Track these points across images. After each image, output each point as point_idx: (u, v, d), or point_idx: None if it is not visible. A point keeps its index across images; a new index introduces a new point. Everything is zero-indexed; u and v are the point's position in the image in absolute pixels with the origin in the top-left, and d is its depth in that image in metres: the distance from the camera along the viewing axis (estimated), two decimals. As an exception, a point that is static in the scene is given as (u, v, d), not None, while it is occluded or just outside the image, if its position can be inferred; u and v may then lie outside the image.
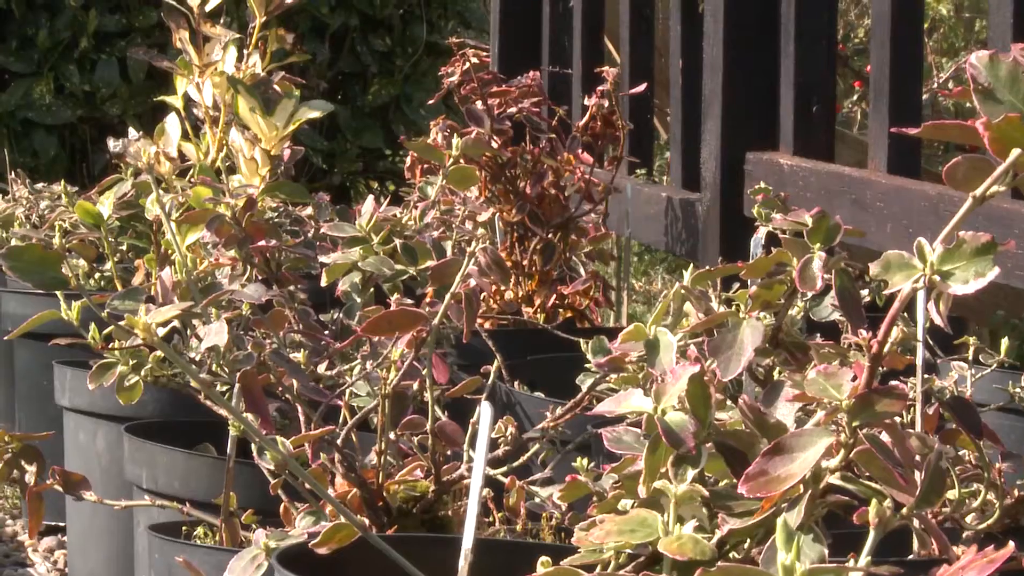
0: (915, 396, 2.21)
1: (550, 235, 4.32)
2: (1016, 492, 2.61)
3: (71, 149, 7.67)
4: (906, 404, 2.02)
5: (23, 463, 2.85)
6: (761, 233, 2.44)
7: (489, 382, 2.96)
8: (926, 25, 6.34)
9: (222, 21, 4.03)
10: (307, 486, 2.54)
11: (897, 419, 2.00)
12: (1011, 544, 1.85)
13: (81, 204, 3.74)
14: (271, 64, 4.04)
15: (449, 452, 2.76)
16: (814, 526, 1.96)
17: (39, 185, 5.11)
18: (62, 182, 5.01)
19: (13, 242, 4.47)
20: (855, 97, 7.11)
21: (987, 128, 1.79)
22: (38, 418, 4.25)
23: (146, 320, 2.49)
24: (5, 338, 4.29)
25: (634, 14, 5.65)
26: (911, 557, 2.42)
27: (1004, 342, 3.28)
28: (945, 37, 8.19)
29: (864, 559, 1.81)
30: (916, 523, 2.00)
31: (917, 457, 1.98)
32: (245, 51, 3.98)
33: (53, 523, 4.34)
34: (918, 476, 1.96)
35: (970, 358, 3.27)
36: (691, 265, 2.51)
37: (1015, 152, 1.81)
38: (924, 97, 4.46)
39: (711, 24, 4.69)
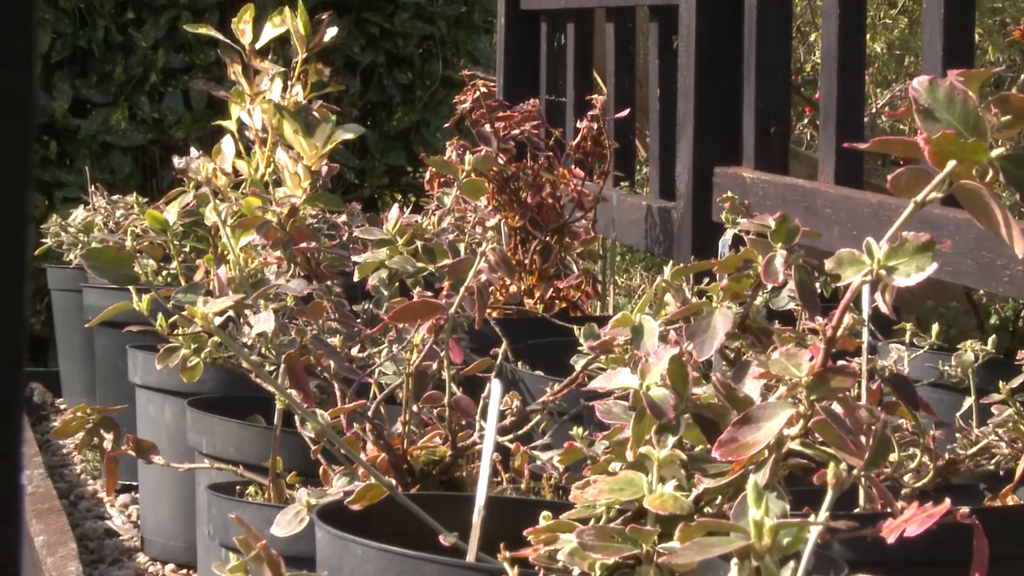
0: (862, 374, 2.18)
1: (548, 238, 4.32)
2: (946, 455, 2.60)
3: (143, 167, 7.64)
4: (855, 381, 2.02)
5: (102, 432, 2.83)
6: (728, 235, 2.43)
7: (497, 363, 2.95)
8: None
9: (269, 57, 3.99)
10: (342, 452, 2.53)
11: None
12: (947, 500, 1.87)
13: (150, 212, 3.72)
14: (311, 94, 4.01)
15: (464, 422, 2.76)
16: (777, 485, 1.97)
17: (115, 197, 5.08)
18: (134, 194, 4.99)
19: (93, 245, 4.42)
20: (805, 120, 7.10)
21: (928, 143, 1.78)
22: (114, 394, 4.23)
23: (204, 310, 2.50)
24: (86, 326, 4.28)
25: (618, 50, 5.64)
26: (858, 511, 2.41)
27: (935, 328, 3.26)
28: (879, 71, 8.18)
29: (823, 514, 1.78)
30: (865, 482, 1.99)
31: (865, 426, 1.96)
32: (289, 83, 3.95)
33: (127, 483, 4.32)
34: (867, 442, 1.94)
35: (907, 341, 3.26)
36: (669, 263, 2.49)
37: (951, 163, 1.80)
38: (864, 120, 4.45)
39: (684, 58, 4.67)
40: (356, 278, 3.05)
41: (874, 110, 7.18)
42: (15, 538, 0.76)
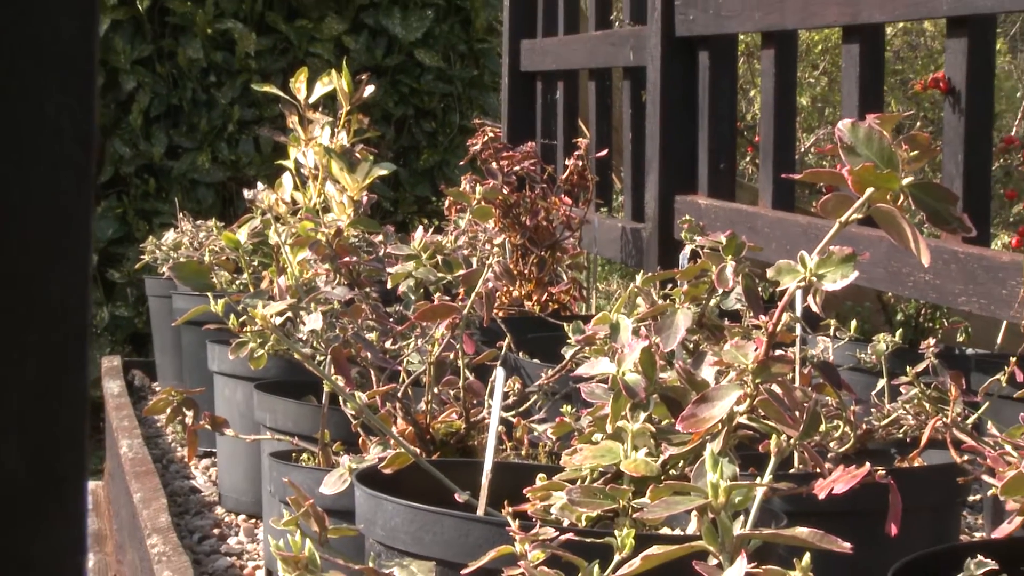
0: (796, 361, 2.15)
1: (542, 253, 4.29)
2: (864, 426, 2.58)
3: (222, 198, 7.63)
4: (791, 367, 1.99)
5: (184, 410, 2.80)
6: (687, 250, 2.39)
7: (502, 353, 2.92)
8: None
9: (320, 110, 3.95)
10: (377, 426, 2.49)
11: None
12: (867, 464, 1.87)
13: (226, 234, 3.69)
14: (353, 139, 3.97)
15: (475, 401, 2.74)
16: (729, 452, 1.94)
17: (199, 222, 5.07)
18: (214, 220, 4.96)
19: (180, 260, 4.40)
20: (748, 158, 7.06)
21: (851, 173, 1.75)
22: (197, 380, 4.23)
23: (264, 312, 2.50)
24: (174, 324, 4.28)
25: (598, 103, 5.61)
26: (794, 472, 2.39)
27: (853, 324, 3.25)
28: (805, 120, 8.18)
29: (768, 476, 1.74)
30: (799, 449, 1.95)
31: (800, 404, 1.93)
32: (336, 130, 3.92)
33: (208, 450, 4.32)
34: (801, 417, 1.91)
35: (830, 334, 3.24)
36: (640, 272, 2.46)
37: (870, 190, 1.77)
38: (795, 158, 4.43)
39: (651, 109, 4.64)
40: (389, 285, 3.08)
41: (801, 150, 7.15)
42: (82, 519, 0.71)
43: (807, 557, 1.52)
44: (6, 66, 0.70)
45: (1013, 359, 2.56)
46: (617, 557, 1.68)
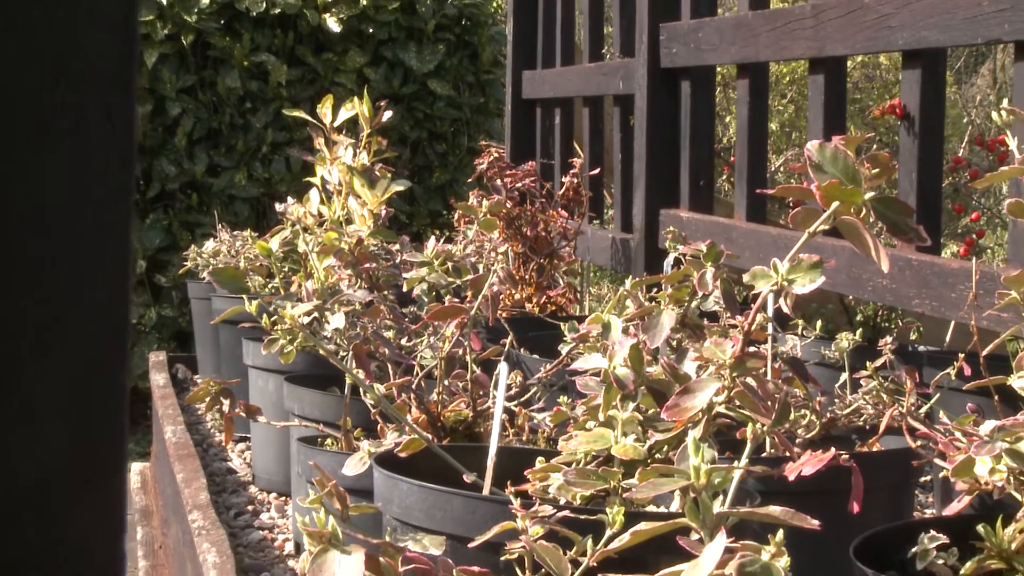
0: (768, 357, 2.14)
1: (541, 260, 4.28)
2: (828, 415, 2.57)
3: (256, 211, 7.63)
4: (764, 362, 1.98)
5: (221, 399, 2.78)
6: (670, 258, 2.38)
7: (505, 349, 2.91)
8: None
9: (344, 133, 3.94)
10: (393, 414, 2.47)
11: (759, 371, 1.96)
12: (832, 449, 1.85)
13: (259, 243, 3.68)
14: (373, 159, 3.96)
15: (481, 392, 2.73)
16: (709, 438, 1.93)
17: (236, 232, 5.05)
18: (249, 230, 4.98)
19: (218, 266, 4.39)
20: (724, 176, 7.04)
21: (819, 189, 1.74)
22: (233, 372, 4.22)
23: (292, 313, 2.49)
24: (212, 323, 4.29)
25: (591, 126, 5.60)
26: (766, 455, 2.38)
27: (819, 323, 3.23)
28: (775, 143, 8.18)
29: (744, 460, 1.73)
30: (772, 436, 1.94)
31: (772, 395, 1.92)
32: (357, 150, 3.90)
33: (243, 435, 4.31)
34: (773, 406, 1.89)
35: (798, 333, 3.22)
36: (628, 278, 2.45)
37: (835, 204, 1.76)
38: (767, 176, 4.44)
39: (638, 132, 4.63)
40: (404, 289, 3.10)
41: (772, 170, 7.15)
42: (122, 501, 0.69)
43: (780, 533, 1.50)
44: (54, 92, 0.68)
45: (961, 355, 2.54)
46: (608, 532, 1.67)
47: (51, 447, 0.67)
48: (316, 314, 2.82)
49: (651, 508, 2.02)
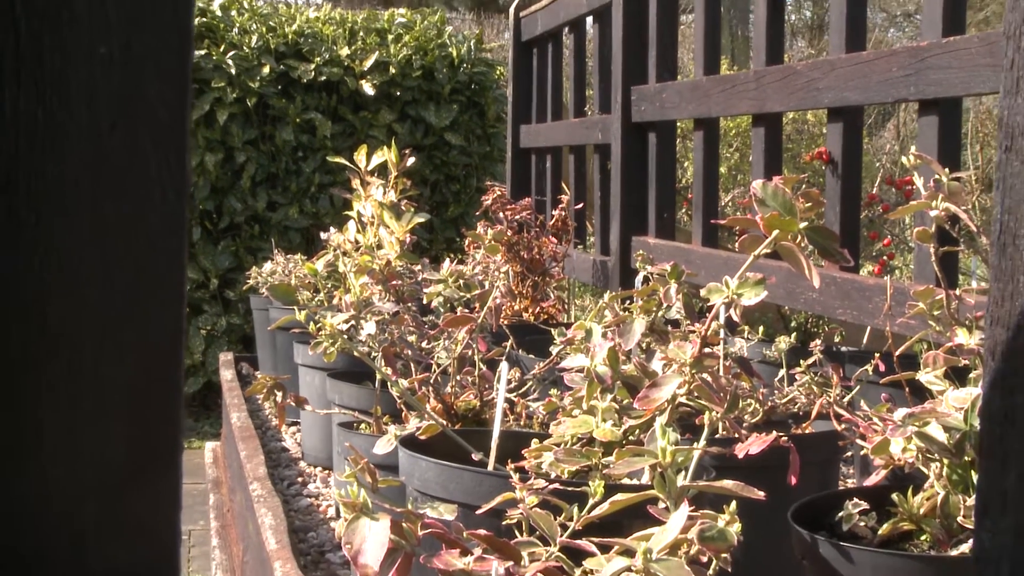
0: (721, 357, 2.10)
1: (535, 278, 4.25)
2: (769, 404, 2.54)
3: (306, 239, 7.63)
4: (717, 361, 1.94)
5: (276, 391, 2.75)
6: (641, 276, 2.34)
7: (506, 351, 2.88)
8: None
9: (375, 175, 3.91)
10: (415, 404, 2.44)
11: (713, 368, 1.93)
12: (773, 432, 1.86)
13: (307, 264, 3.65)
14: (399, 196, 3.92)
15: (487, 386, 2.70)
16: (673, 424, 1.87)
17: (288, 256, 5.02)
18: (299, 255, 4.95)
19: (274, 283, 4.37)
20: (684, 210, 7.01)
21: (763, 220, 1.71)
22: (286, 369, 4.19)
23: (332, 322, 2.46)
24: (269, 329, 4.29)
25: (576, 169, 5.60)
26: (719, 437, 2.35)
27: (760, 329, 3.20)
28: (723, 183, 8.16)
29: (702, 442, 1.69)
30: (724, 421, 1.91)
31: (724, 388, 1.89)
32: (387, 189, 3.87)
33: (293, 420, 4.28)
34: (725, 397, 1.86)
35: (745, 337, 3.19)
36: (606, 292, 2.42)
37: (776, 232, 1.72)
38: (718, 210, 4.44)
39: (615, 174, 4.61)
40: (424, 301, 3.09)
41: (721, 205, 7.15)
42: (177, 485, 0.66)
43: (733, 504, 1.47)
44: (123, 141, 0.65)
45: (877, 355, 2.52)
46: (591, 501, 1.63)
47: (113, 440, 0.64)
48: (352, 322, 2.79)
49: (626, 481, 1.98)
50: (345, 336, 2.61)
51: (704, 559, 1.44)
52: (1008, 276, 0.75)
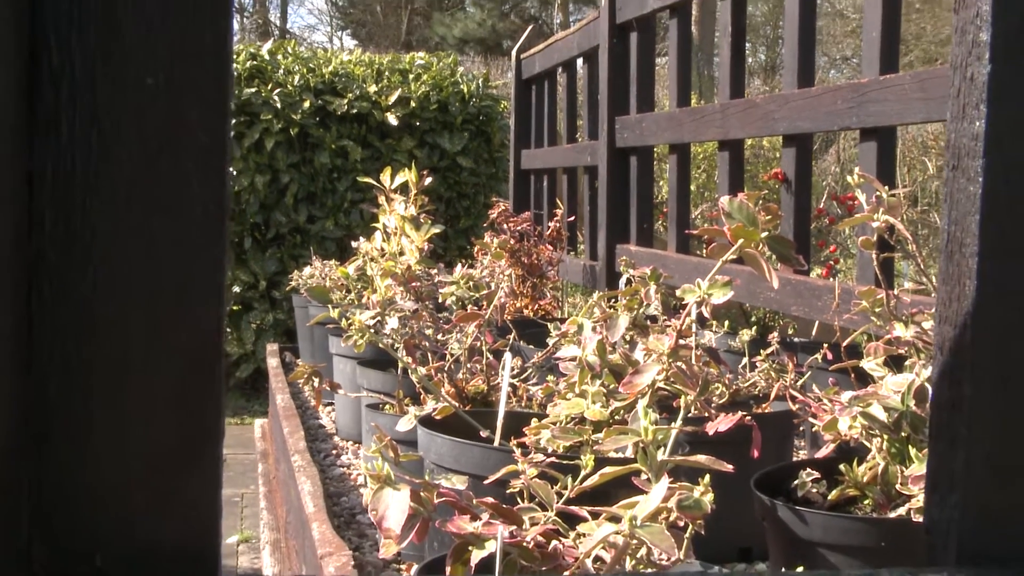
0: (693, 347, 2.07)
1: (534, 280, 4.22)
2: (734, 388, 2.50)
3: (339, 247, 7.59)
4: (691, 351, 1.91)
5: (314, 377, 2.71)
6: (624, 278, 2.30)
7: (510, 342, 2.84)
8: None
9: (398, 193, 3.87)
10: (431, 388, 2.41)
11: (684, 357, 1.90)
12: (738, 412, 1.82)
13: (340, 269, 3.63)
14: (418, 210, 3.89)
15: (493, 372, 2.65)
16: (653, 406, 1.84)
17: (325, 262, 4.98)
18: (334, 260, 4.92)
19: (312, 285, 4.33)
20: (660, 221, 6.98)
21: (729, 230, 1.67)
22: (322, 358, 4.15)
23: (361, 318, 2.42)
24: (308, 324, 4.26)
25: (569, 187, 5.57)
26: (691, 416, 2.32)
27: (726, 323, 3.17)
28: (693, 199, 8.14)
29: (679, 421, 1.66)
30: (697, 403, 1.87)
31: (697, 374, 1.85)
32: (407, 204, 3.83)
33: (328, 402, 4.25)
34: (697, 382, 1.83)
35: (713, 330, 3.16)
36: (595, 292, 2.39)
37: (740, 240, 1.68)
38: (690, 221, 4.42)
39: (601, 190, 4.58)
40: (440, 300, 3.04)
41: (692, 217, 7.14)
42: (217, 468, 0.63)
43: (707, 476, 1.44)
44: (168, 162, 0.62)
45: (825, 345, 2.50)
46: (582, 473, 1.60)
47: (160, 430, 0.61)
48: (378, 318, 2.76)
49: (613, 455, 1.95)
50: (372, 330, 2.58)
51: (681, 524, 1.41)
52: (955, 280, 0.71)
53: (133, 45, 0.58)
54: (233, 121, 7.97)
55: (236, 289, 7.67)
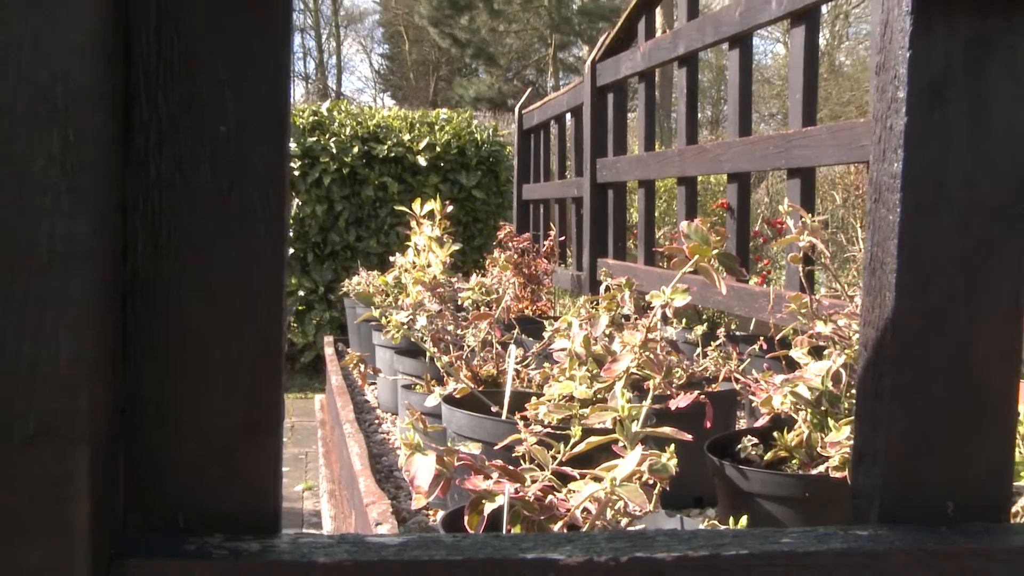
0: (660, 341, 2.03)
1: (533, 286, 4.17)
2: (691, 372, 2.46)
3: (381, 261, 7.53)
4: (658, 343, 1.87)
5: (360, 363, 2.67)
6: (604, 285, 2.27)
7: (514, 336, 2.80)
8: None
9: (426, 218, 3.83)
10: (452, 373, 2.37)
11: (652, 348, 1.86)
12: (695, 392, 1.79)
13: (381, 278, 3.59)
14: (442, 232, 3.84)
15: (501, 360, 2.61)
16: (627, 387, 1.80)
17: (369, 272, 4.93)
18: (376, 271, 4.87)
19: (358, 290, 4.28)
20: (631, 240, 6.92)
21: (688, 248, 1.63)
22: (367, 348, 4.11)
23: (396, 318, 2.38)
24: (355, 322, 4.20)
25: (560, 214, 5.54)
26: (657, 395, 2.28)
27: (684, 320, 3.13)
28: (657, 224, 8.08)
29: (649, 400, 1.62)
30: (661, 385, 1.84)
31: (662, 362, 1.82)
32: (433, 227, 3.79)
33: (371, 382, 4.19)
34: (663, 368, 1.79)
35: (674, 326, 3.12)
36: (581, 297, 2.35)
37: (696, 256, 1.64)
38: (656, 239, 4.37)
39: (586, 217, 4.55)
40: (459, 303, 2.99)
41: (656, 238, 7.09)
42: (278, 445, 0.60)
43: (672, 446, 1.40)
44: (238, 195, 0.59)
45: (761, 338, 2.46)
46: (572, 441, 1.57)
47: (229, 410, 0.58)
48: (411, 317, 2.72)
49: (597, 427, 1.92)
50: (405, 326, 2.54)
51: (651, 483, 1.37)
52: (877, 291, 0.68)
53: (208, 99, 0.55)
54: (298, 163, 7.95)
55: (300, 293, 7.63)
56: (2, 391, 0.52)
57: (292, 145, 7.56)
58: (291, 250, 7.62)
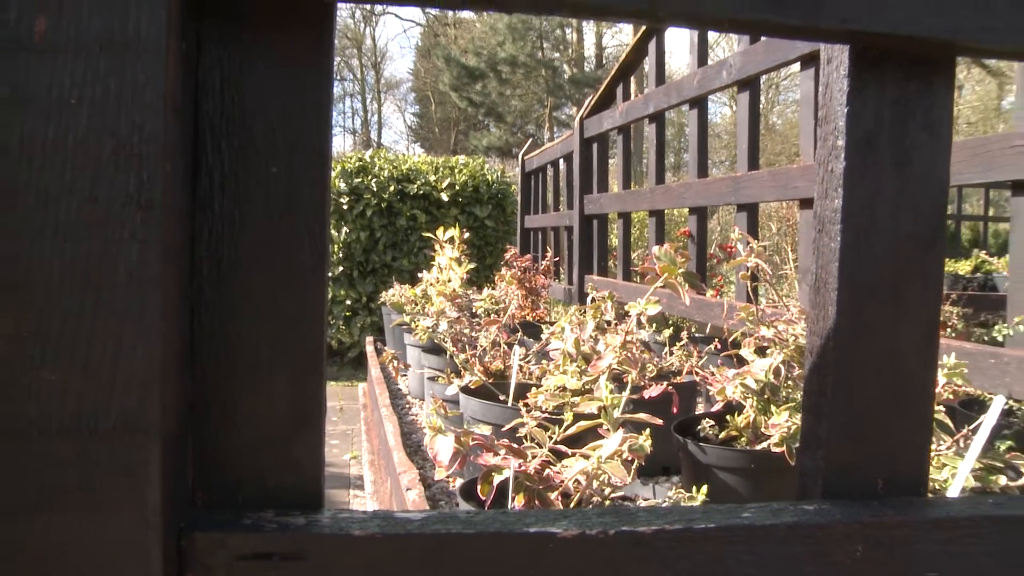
0: (636, 343, 1.99)
1: (533, 297, 4.14)
2: (661, 366, 2.42)
3: (412, 277, 7.48)
4: (634, 344, 1.84)
5: (395, 359, 2.63)
6: (590, 297, 2.23)
7: (518, 338, 2.76)
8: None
9: (447, 242, 3.79)
10: (468, 368, 2.33)
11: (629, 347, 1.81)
12: (664, 383, 1.74)
13: (411, 290, 3.54)
14: (460, 254, 3.81)
15: (508, 357, 2.57)
16: (610, 381, 1.76)
17: (401, 286, 4.89)
18: (407, 285, 4.83)
19: (392, 299, 4.24)
20: (612, 261, 6.87)
21: (659, 267, 1.59)
22: (400, 347, 4.07)
23: (423, 324, 2.34)
24: (391, 326, 4.14)
25: (556, 240, 5.51)
26: (634, 386, 2.24)
27: (654, 325, 3.09)
28: (632, 247, 8.01)
29: (627, 391, 1.58)
30: (637, 377, 1.80)
31: (638, 359, 1.78)
32: (453, 250, 3.75)
33: (403, 374, 4.15)
34: (638, 365, 1.75)
35: (646, 329, 3.07)
36: (572, 306, 2.31)
37: (666, 274, 1.61)
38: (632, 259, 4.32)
39: (576, 242, 4.52)
40: (474, 311, 2.95)
41: (632, 258, 7.01)
42: (320, 434, 0.57)
43: (647, 430, 1.37)
44: (287, 225, 0.56)
45: (716, 340, 2.43)
46: (565, 424, 1.53)
47: (279, 406, 0.55)
48: (435, 322, 2.69)
49: (585, 413, 1.89)
50: (430, 329, 2.51)
51: (630, 459, 1.34)
52: (821, 307, 0.65)
53: (262, 146, 0.53)
54: (347, 199, 7.94)
55: (348, 302, 7.60)
56: (90, 391, 0.49)
57: (342, 185, 7.54)
58: (340, 268, 7.58)
